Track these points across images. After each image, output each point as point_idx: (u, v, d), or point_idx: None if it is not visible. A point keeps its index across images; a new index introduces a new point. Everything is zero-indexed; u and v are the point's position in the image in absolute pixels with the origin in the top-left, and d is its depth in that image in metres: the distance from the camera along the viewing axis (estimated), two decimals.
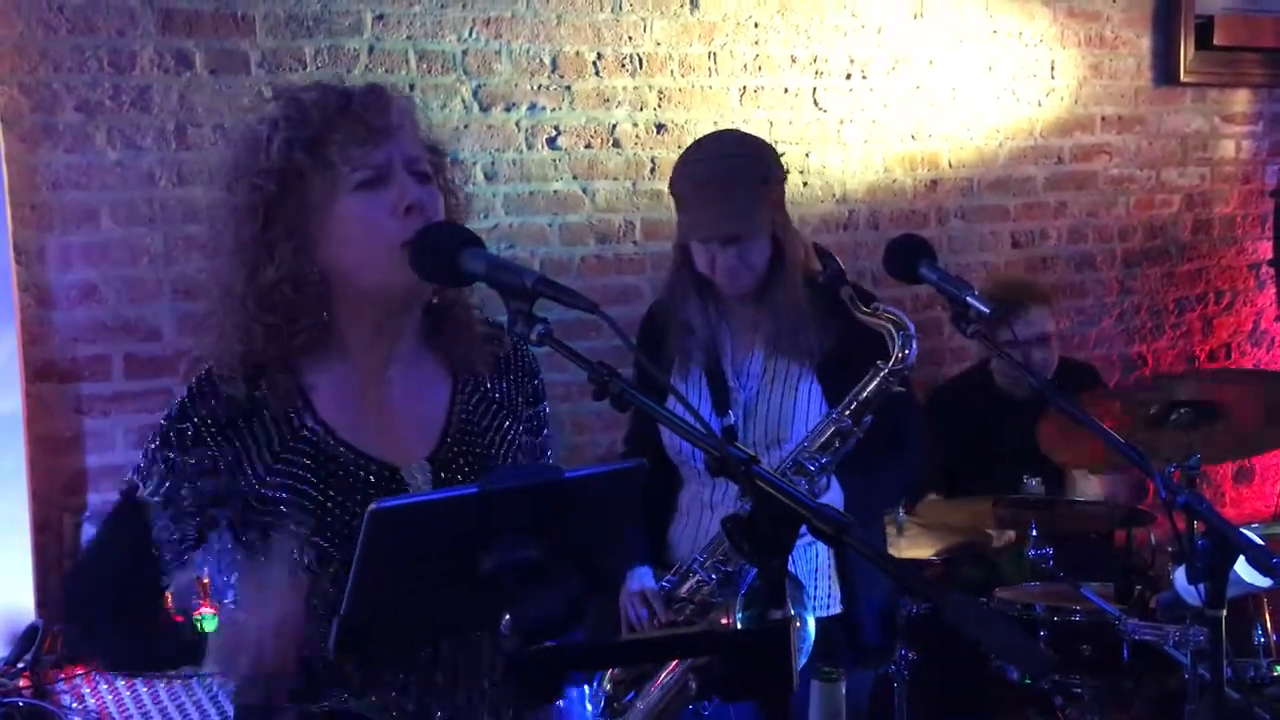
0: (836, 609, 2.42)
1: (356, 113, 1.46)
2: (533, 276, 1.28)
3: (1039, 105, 4.24)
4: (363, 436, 1.52)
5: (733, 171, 2.34)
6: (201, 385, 1.50)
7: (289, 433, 1.50)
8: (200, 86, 3.20)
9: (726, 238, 2.31)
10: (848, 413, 2.21)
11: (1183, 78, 4.41)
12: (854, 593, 2.42)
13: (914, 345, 2.19)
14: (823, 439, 2.22)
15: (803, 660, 2.12)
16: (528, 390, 1.68)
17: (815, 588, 2.38)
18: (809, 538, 1.17)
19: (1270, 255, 4.52)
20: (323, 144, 1.45)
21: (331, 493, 1.48)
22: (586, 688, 1.31)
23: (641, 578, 2.30)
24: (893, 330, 2.19)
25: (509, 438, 1.62)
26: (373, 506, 1.14)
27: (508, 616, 1.16)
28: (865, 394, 2.21)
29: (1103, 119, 4.37)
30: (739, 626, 2.10)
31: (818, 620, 2.30)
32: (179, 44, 3.18)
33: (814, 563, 2.39)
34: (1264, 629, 2.81)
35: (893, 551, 2.97)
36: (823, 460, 2.21)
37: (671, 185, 2.44)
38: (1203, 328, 4.64)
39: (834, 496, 2.29)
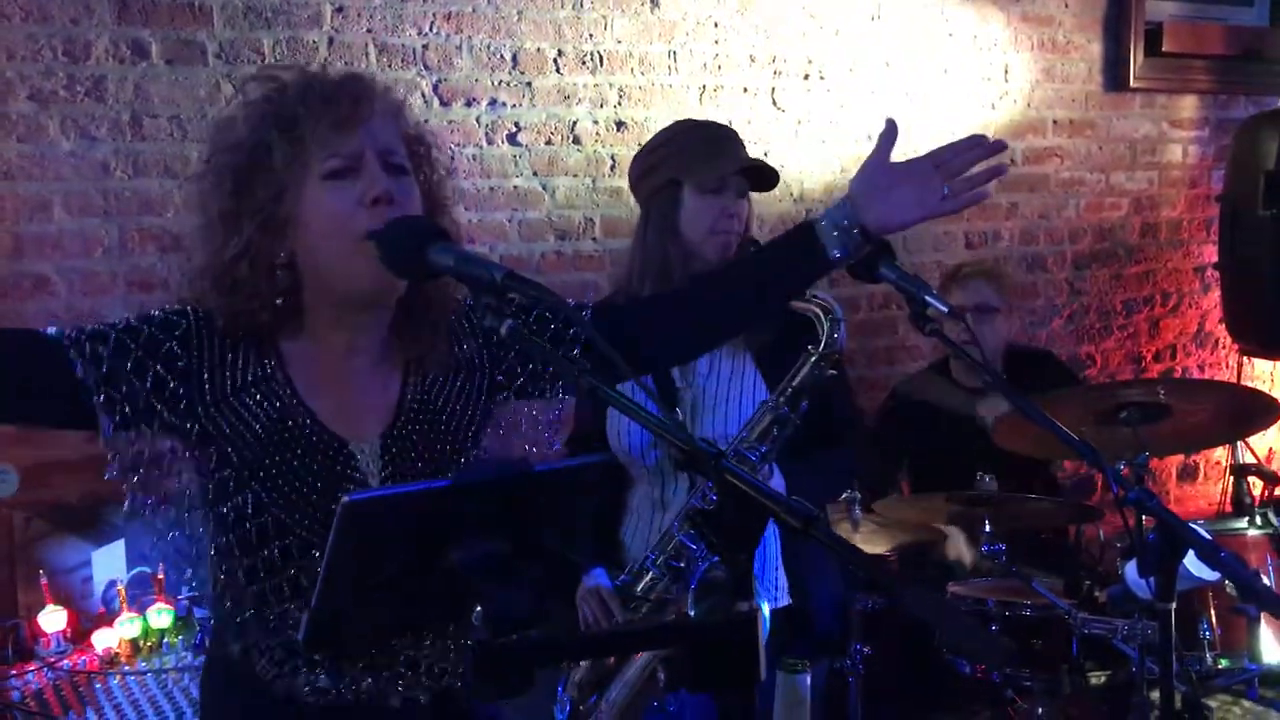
0: (785, 600, 2.43)
1: (334, 97, 1.45)
2: (502, 271, 1.28)
3: (993, 108, 4.31)
4: (322, 407, 1.52)
5: (725, 128, 2.51)
6: (180, 308, 1.48)
7: (260, 374, 1.50)
8: (156, 77, 3.16)
9: (755, 167, 2.38)
10: (783, 399, 2.22)
11: (1132, 83, 4.50)
12: (804, 585, 2.43)
13: (842, 329, 2.22)
14: (760, 427, 2.23)
15: None
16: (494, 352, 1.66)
17: (763, 579, 2.39)
18: None
19: (1215, 259, 4.61)
20: (297, 122, 1.44)
21: (276, 442, 1.48)
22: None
23: (596, 578, 2.29)
24: (820, 315, 2.21)
25: (470, 413, 1.62)
26: (345, 499, 1.14)
27: (479, 609, 1.17)
28: (798, 380, 2.23)
29: (1054, 123, 4.44)
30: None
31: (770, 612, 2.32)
32: (135, 34, 3.14)
33: (761, 554, 2.39)
34: (1209, 623, 2.88)
35: None
36: (763, 449, 2.22)
37: (651, 165, 2.44)
38: (1149, 329, 4.73)
39: (776, 486, 2.31)
